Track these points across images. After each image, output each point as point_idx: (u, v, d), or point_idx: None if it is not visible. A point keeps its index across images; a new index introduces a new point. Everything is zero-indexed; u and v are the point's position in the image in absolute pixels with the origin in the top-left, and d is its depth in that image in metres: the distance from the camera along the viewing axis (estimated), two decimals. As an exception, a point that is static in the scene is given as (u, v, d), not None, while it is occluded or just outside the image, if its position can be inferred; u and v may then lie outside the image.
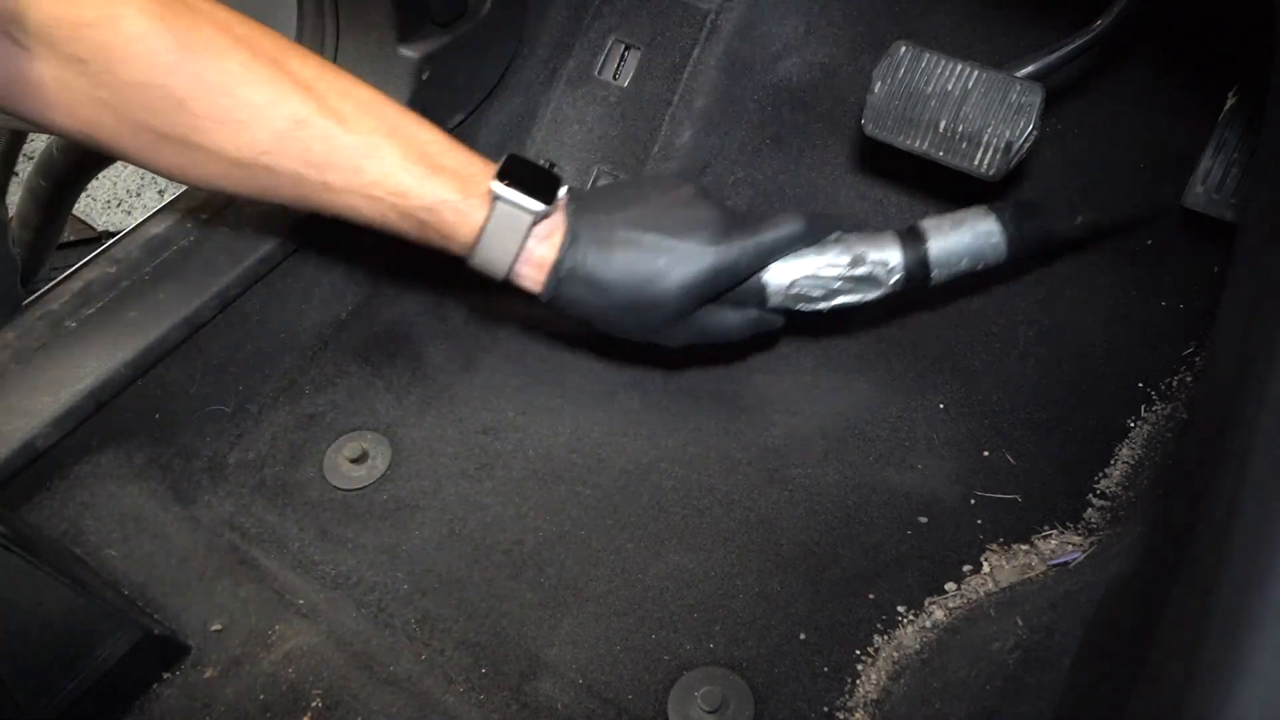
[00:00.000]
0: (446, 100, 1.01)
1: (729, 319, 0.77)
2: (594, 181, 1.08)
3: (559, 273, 0.72)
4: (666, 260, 0.71)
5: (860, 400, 0.93)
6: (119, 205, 2.10)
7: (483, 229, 0.70)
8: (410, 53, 0.94)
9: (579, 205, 0.73)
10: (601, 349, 0.97)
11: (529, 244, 0.71)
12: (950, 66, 0.79)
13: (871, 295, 0.78)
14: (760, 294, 0.76)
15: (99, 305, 0.83)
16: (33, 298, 0.83)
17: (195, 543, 0.79)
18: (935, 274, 0.78)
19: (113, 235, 0.97)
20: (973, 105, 0.78)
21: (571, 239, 0.71)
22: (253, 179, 0.67)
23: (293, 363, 0.94)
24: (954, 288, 0.98)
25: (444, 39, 0.96)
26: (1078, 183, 0.95)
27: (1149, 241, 0.94)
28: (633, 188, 0.76)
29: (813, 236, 0.76)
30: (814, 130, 1.05)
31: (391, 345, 0.98)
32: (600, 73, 1.08)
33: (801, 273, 0.76)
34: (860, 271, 0.76)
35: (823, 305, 0.78)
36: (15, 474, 0.75)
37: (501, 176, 0.70)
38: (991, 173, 0.79)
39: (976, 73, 0.79)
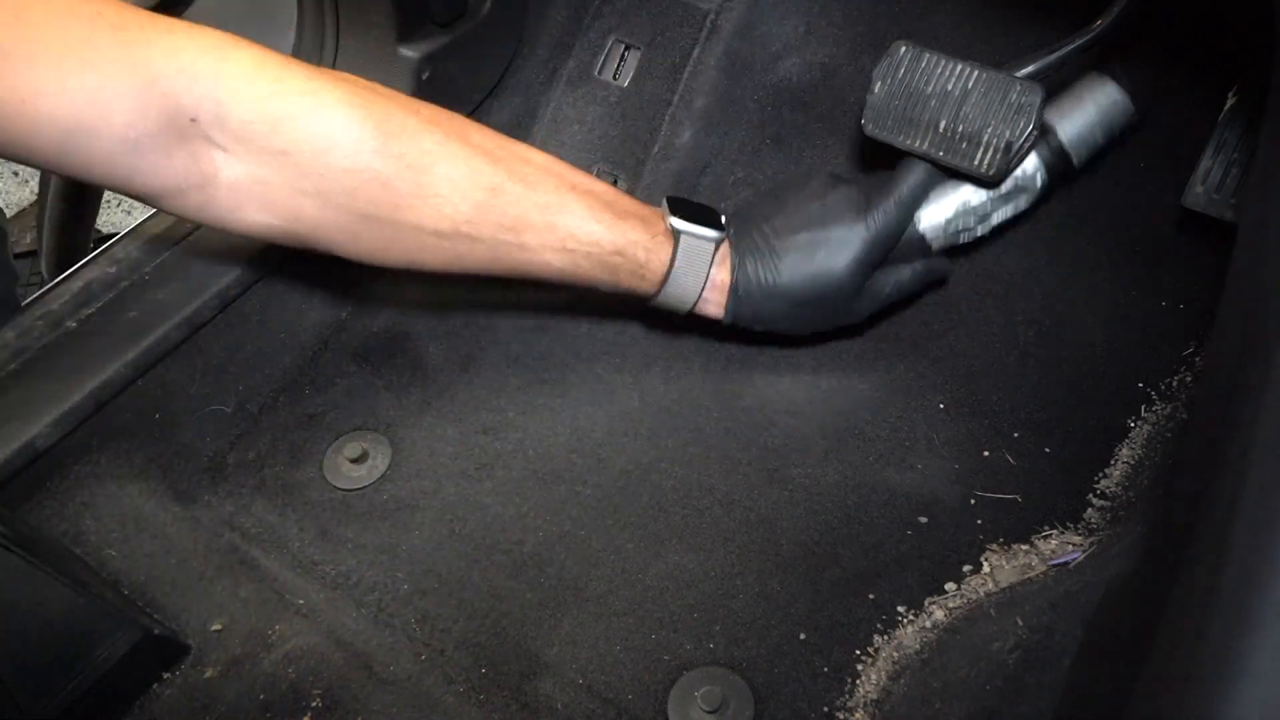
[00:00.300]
0: (446, 100, 1.00)
1: (902, 276, 0.83)
2: (594, 181, 1.08)
3: (737, 292, 0.79)
4: (825, 251, 0.78)
5: (860, 400, 0.93)
6: (119, 205, 2.10)
7: (672, 261, 0.77)
8: (410, 53, 0.94)
9: (735, 228, 0.81)
10: (602, 349, 0.97)
11: (711, 271, 0.79)
12: (950, 66, 0.79)
13: (1025, 202, 0.81)
14: (922, 244, 0.81)
15: (99, 305, 0.83)
16: (33, 298, 0.83)
17: (195, 543, 0.79)
18: (1076, 157, 0.80)
19: (112, 235, 0.97)
20: (973, 105, 0.78)
21: (738, 259, 0.79)
22: (452, 249, 0.71)
23: (293, 363, 0.94)
24: (955, 285, 0.98)
25: (444, 39, 0.96)
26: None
27: (1149, 241, 0.94)
28: (770, 196, 0.83)
29: (934, 178, 0.82)
30: (814, 130, 1.05)
31: (391, 345, 0.98)
32: (600, 73, 1.08)
33: (952, 209, 0.80)
34: (1006, 187, 0.80)
35: (981, 230, 0.82)
36: (15, 474, 0.75)
37: (674, 214, 0.78)
38: (991, 173, 0.79)
39: (976, 73, 0.79)
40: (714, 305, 0.81)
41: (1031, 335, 0.95)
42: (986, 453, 0.88)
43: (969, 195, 0.80)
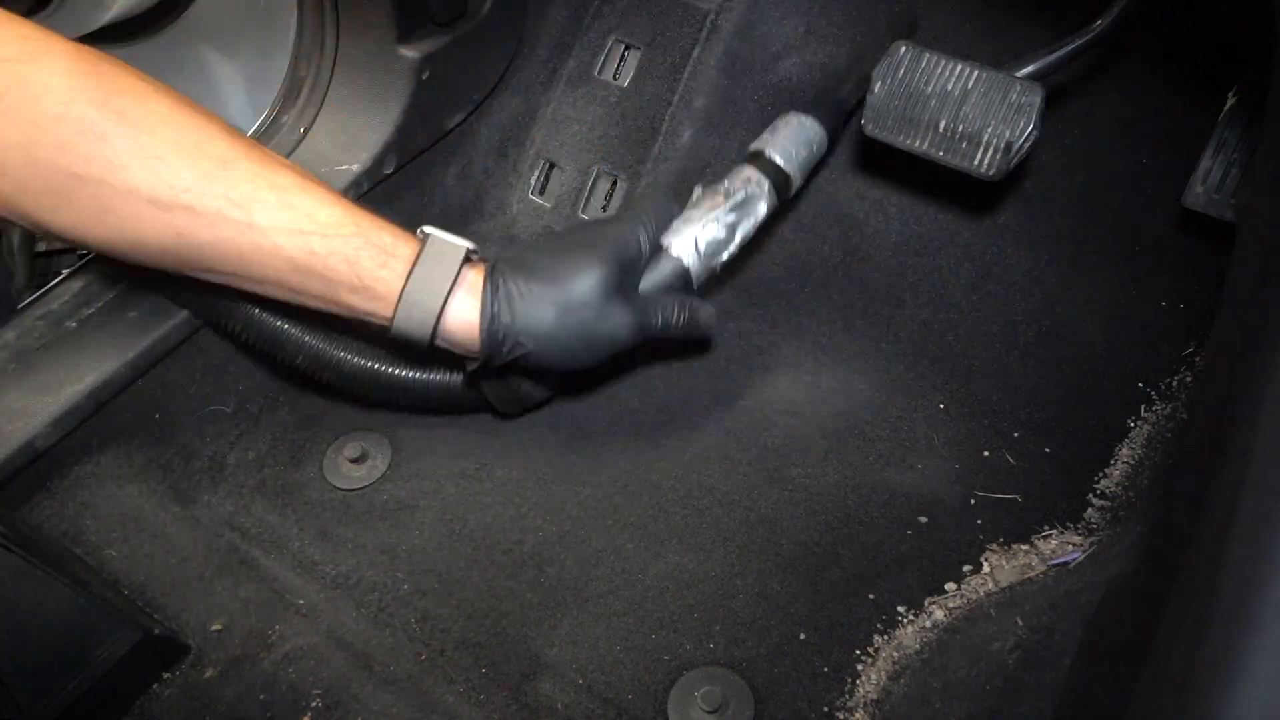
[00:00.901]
0: (446, 100, 1.01)
1: (668, 308, 0.77)
2: (594, 181, 1.08)
3: (490, 309, 0.69)
4: (569, 268, 0.71)
5: (860, 400, 0.93)
6: (119, 205, 2.09)
7: (416, 258, 0.68)
8: (410, 53, 0.94)
9: (490, 266, 0.73)
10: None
11: (458, 292, 0.69)
12: (950, 66, 0.80)
13: (762, 212, 0.83)
14: (682, 272, 0.79)
15: (99, 305, 0.83)
16: (33, 298, 0.83)
17: (195, 543, 0.79)
18: (786, 167, 0.84)
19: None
20: (973, 105, 0.78)
21: (492, 283, 0.70)
22: (171, 224, 0.63)
23: (293, 363, 0.94)
24: (956, 286, 0.98)
25: (444, 39, 0.96)
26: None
27: (1149, 241, 0.94)
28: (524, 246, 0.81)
29: (671, 203, 0.81)
30: (814, 130, 1.05)
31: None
32: (600, 73, 1.08)
33: (696, 229, 0.79)
34: (738, 198, 0.81)
35: (734, 246, 0.82)
36: (15, 474, 0.75)
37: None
38: (991, 172, 0.79)
39: (976, 73, 0.79)
40: (462, 329, 0.70)
41: (1031, 335, 0.95)
42: (986, 453, 0.88)
43: (707, 216, 0.80)
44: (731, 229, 0.81)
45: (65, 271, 0.86)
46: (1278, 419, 0.38)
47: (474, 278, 0.70)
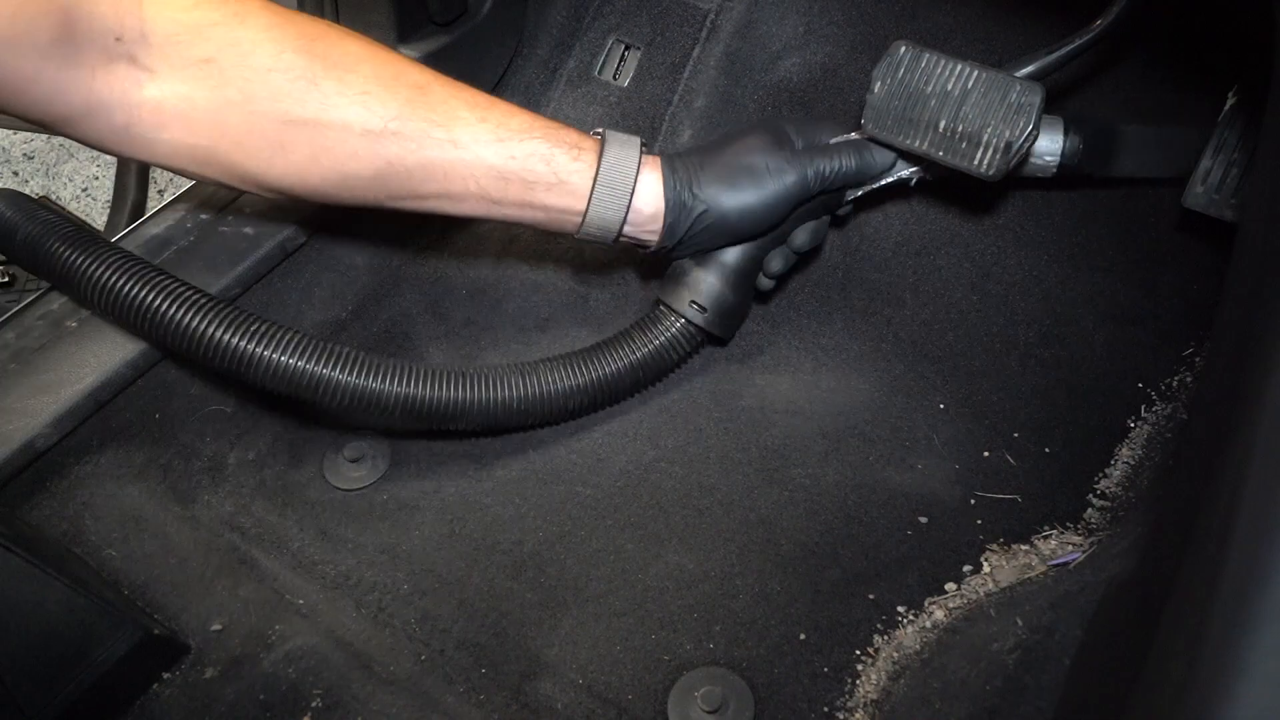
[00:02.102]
0: (446, 100, 1.01)
1: (833, 151, 0.80)
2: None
3: (674, 177, 0.76)
4: (734, 134, 0.79)
5: (860, 400, 0.93)
6: (119, 205, 2.09)
7: (603, 148, 0.74)
8: (410, 53, 0.94)
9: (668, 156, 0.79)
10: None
11: (642, 173, 0.75)
12: (950, 66, 0.79)
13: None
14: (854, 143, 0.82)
15: (99, 305, 0.83)
16: (33, 298, 0.83)
17: (195, 543, 0.79)
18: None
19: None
20: (973, 105, 0.78)
21: (671, 166, 0.77)
22: (383, 153, 0.69)
23: (293, 363, 0.94)
24: (956, 286, 0.98)
25: (444, 39, 0.96)
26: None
27: (1149, 241, 0.94)
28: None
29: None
30: (814, 130, 1.05)
31: (391, 345, 0.98)
32: (600, 73, 1.08)
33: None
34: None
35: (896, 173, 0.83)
36: (15, 474, 0.75)
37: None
38: (991, 173, 0.79)
39: (976, 73, 0.79)
40: (649, 206, 0.77)
41: (1031, 335, 0.95)
42: (986, 453, 0.88)
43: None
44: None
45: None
46: (1278, 419, 0.38)
47: (650, 160, 0.77)
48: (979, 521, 0.83)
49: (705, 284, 0.83)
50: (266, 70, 0.65)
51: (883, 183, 0.83)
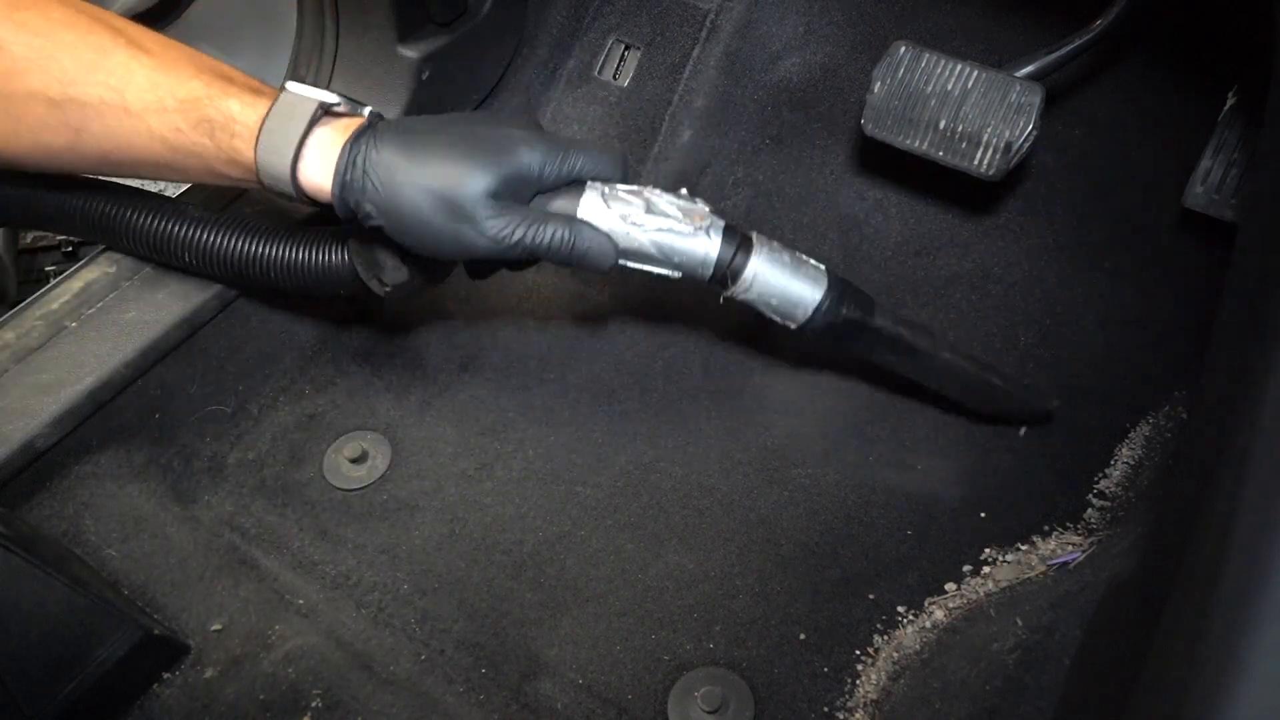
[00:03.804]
0: (446, 100, 1.01)
1: (549, 223, 0.67)
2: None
3: (345, 172, 0.65)
4: (455, 145, 0.66)
5: (860, 400, 0.93)
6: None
7: (267, 114, 0.66)
8: (410, 53, 0.94)
9: (372, 120, 0.69)
10: (601, 349, 0.97)
11: (308, 154, 0.66)
12: (950, 66, 0.79)
13: (669, 272, 0.71)
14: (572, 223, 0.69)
15: (99, 305, 0.83)
16: (33, 298, 0.83)
17: (195, 543, 0.79)
18: (735, 289, 0.71)
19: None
20: (973, 105, 0.78)
21: (361, 132, 0.67)
22: (65, 120, 0.66)
23: (293, 363, 0.94)
24: (956, 286, 0.98)
25: (444, 39, 0.96)
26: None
27: (1149, 241, 0.94)
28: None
29: (616, 165, 0.71)
30: (814, 130, 1.05)
31: (391, 345, 0.98)
32: (600, 73, 1.08)
33: (627, 208, 0.69)
34: (681, 241, 0.69)
35: (646, 263, 0.71)
36: (15, 474, 0.75)
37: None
38: (991, 172, 0.79)
39: (976, 73, 0.79)
40: (319, 191, 0.67)
41: (1031, 336, 0.95)
42: (986, 453, 0.88)
43: (653, 208, 0.69)
44: (657, 246, 0.69)
45: (52, 268, 0.86)
46: (1278, 419, 0.38)
47: (332, 136, 0.67)
48: (979, 521, 0.83)
49: (391, 266, 0.73)
50: None
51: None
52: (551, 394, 0.94)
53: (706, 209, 0.70)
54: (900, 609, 0.77)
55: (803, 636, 0.76)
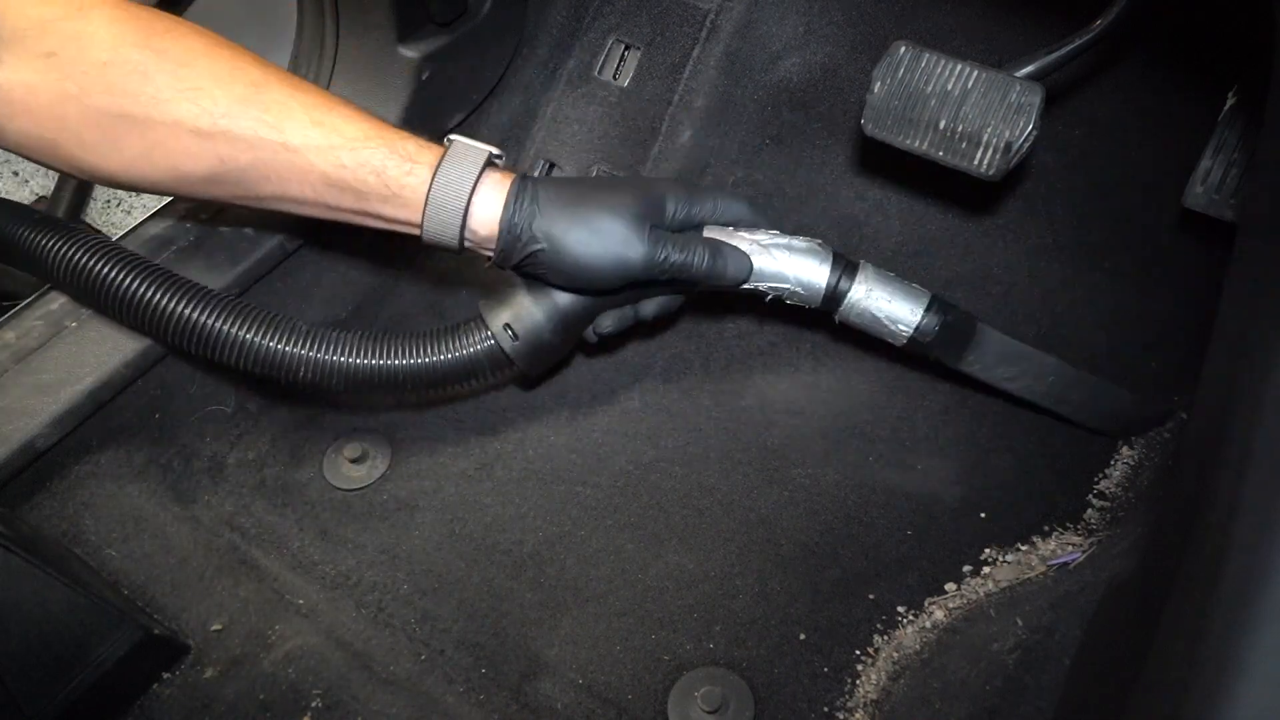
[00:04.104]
0: (446, 100, 1.01)
1: (690, 242, 0.74)
2: (594, 181, 1.08)
3: (516, 200, 0.70)
4: (602, 184, 0.74)
5: (860, 400, 0.93)
6: (119, 205, 2.10)
7: (439, 163, 0.70)
8: (410, 53, 0.94)
9: (526, 173, 0.74)
10: (601, 349, 0.97)
11: (481, 189, 0.70)
12: (950, 66, 0.79)
13: (788, 288, 0.77)
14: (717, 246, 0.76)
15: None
16: (33, 298, 0.83)
17: (195, 543, 0.79)
18: (844, 309, 0.77)
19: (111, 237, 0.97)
20: (973, 105, 0.78)
21: (522, 176, 0.72)
22: (212, 149, 0.67)
23: (293, 363, 0.94)
24: (956, 286, 0.98)
25: (444, 39, 0.96)
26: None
27: (1149, 241, 0.94)
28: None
29: (744, 208, 0.78)
30: (814, 130, 1.05)
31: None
32: (600, 73, 1.08)
33: (763, 236, 0.77)
34: (797, 262, 0.76)
35: (762, 282, 0.77)
36: (15, 474, 0.75)
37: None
38: (991, 172, 0.79)
39: (976, 73, 0.79)
40: (485, 226, 0.71)
41: (1031, 335, 0.95)
42: (986, 453, 0.88)
43: (776, 240, 0.77)
44: (778, 265, 0.76)
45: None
46: (1278, 419, 0.38)
47: (500, 178, 0.71)
48: (979, 521, 0.83)
49: (527, 313, 0.76)
50: (103, 64, 0.65)
51: (739, 288, 0.78)
52: (551, 394, 0.94)
53: (818, 240, 0.78)
54: (900, 609, 0.77)
55: (803, 636, 0.76)
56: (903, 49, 0.81)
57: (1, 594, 0.63)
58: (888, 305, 0.77)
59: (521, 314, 0.76)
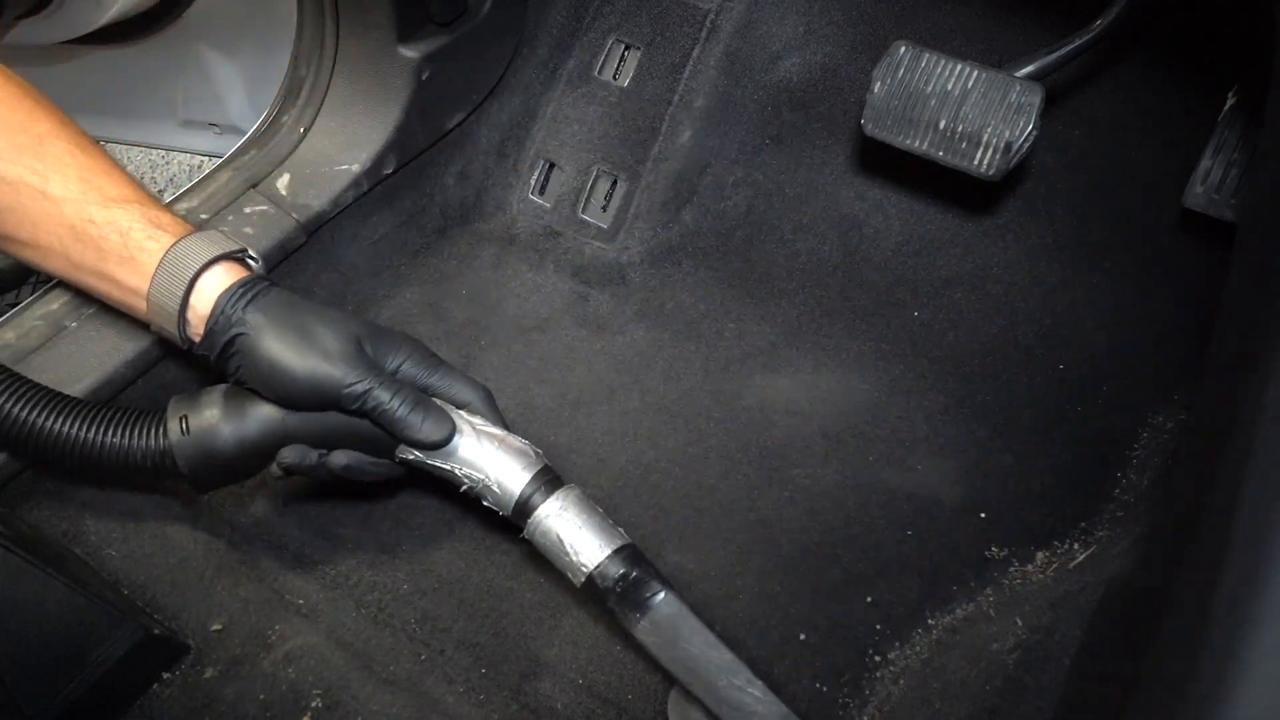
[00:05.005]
0: (446, 100, 1.01)
1: (399, 389, 0.68)
2: (594, 181, 1.08)
3: (240, 285, 0.67)
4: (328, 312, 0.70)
5: (860, 400, 0.93)
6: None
7: (185, 236, 0.68)
8: (410, 53, 0.94)
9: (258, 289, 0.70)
10: (601, 349, 0.97)
11: (215, 268, 0.68)
12: (950, 66, 0.79)
13: (472, 483, 0.69)
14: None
15: (99, 305, 0.83)
16: (33, 298, 0.83)
17: (195, 543, 0.79)
18: (530, 526, 0.68)
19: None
20: (973, 105, 0.78)
21: (256, 280, 0.69)
22: None
23: (293, 363, 0.94)
24: (956, 286, 0.98)
25: (444, 39, 0.96)
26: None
27: (1149, 241, 0.94)
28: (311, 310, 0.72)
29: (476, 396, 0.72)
30: (814, 130, 1.06)
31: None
32: (600, 73, 1.08)
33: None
34: (503, 458, 0.69)
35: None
36: (15, 474, 0.75)
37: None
38: (991, 172, 0.79)
39: (976, 73, 0.79)
40: (203, 305, 0.68)
41: (1031, 335, 0.95)
42: (986, 453, 0.88)
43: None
44: (481, 461, 0.68)
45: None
46: (1278, 419, 0.38)
47: (240, 270, 0.69)
48: (979, 521, 0.83)
49: (208, 411, 0.69)
50: None
51: (431, 463, 0.69)
52: (551, 394, 0.94)
53: (534, 448, 0.70)
54: (900, 609, 0.77)
55: (803, 636, 0.76)
56: (903, 49, 0.81)
57: (1, 594, 0.63)
58: (575, 532, 0.67)
59: (204, 410, 0.69)
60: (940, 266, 1.00)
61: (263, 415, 0.69)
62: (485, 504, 0.70)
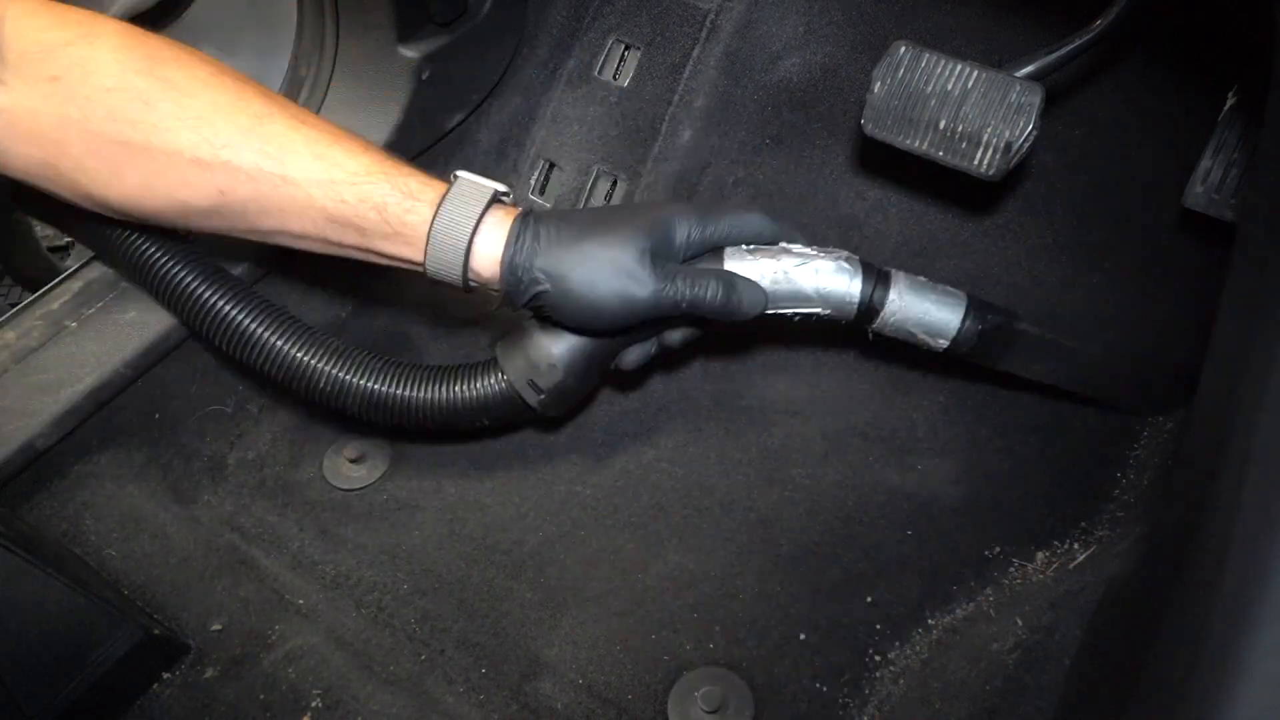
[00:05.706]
0: (446, 100, 1.01)
1: (700, 278, 0.71)
2: (594, 181, 1.08)
3: (517, 239, 0.68)
4: (608, 218, 0.71)
5: (860, 400, 0.93)
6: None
7: (441, 201, 0.68)
8: (410, 53, 0.94)
9: (530, 208, 0.72)
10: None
11: (483, 229, 0.68)
12: (950, 66, 0.79)
13: (816, 310, 0.74)
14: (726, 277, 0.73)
15: (99, 305, 0.83)
16: (33, 298, 0.83)
17: (195, 543, 0.79)
18: (881, 321, 0.75)
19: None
20: (972, 105, 0.78)
21: (525, 213, 0.70)
22: (212, 180, 0.66)
23: (293, 363, 0.94)
24: (956, 286, 0.98)
25: (444, 39, 0.96)
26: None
27: (1149, 241, 0.94)
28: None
29: (764, 222, 0.75)
30: (814, 130, 1.05)
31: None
32: (600, 73, 1.08)
33: (771, 261, 0.73)
34: (824, 280, 0.73)
35: (788, 309, 0.74)
36: (15, 474, 0.75)
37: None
38: (991, 172, 0.79)
39: (976, 73, 0.79)
40: (488, 266, 0.69)
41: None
42: (987, 453, 0.88)
43: (787, 258, 0.73)
44: (801, 286, 0.73)
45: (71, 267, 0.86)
46: (1278, 420, 0.38)
47: (503, 216, 0.69)
48: (979, 521, 0.83)
49: (546, 365, 0.74)
50: (106, 90, 0.64)
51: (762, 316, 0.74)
52: (551, 394, 0.94)
53: (844, 252, 0.75)
54: (900, 609, 0.77)
55: (803, 636, 0.76)
56: (903, 49, 0.81)
57: (1, 594, 0.63)
58: (924, 318, 0.75)
59: (541, 366, 0.74)
60: (940, 266, 1.00)
61: (592, 347, 0.74)
62: (818, 322, 0.75)
